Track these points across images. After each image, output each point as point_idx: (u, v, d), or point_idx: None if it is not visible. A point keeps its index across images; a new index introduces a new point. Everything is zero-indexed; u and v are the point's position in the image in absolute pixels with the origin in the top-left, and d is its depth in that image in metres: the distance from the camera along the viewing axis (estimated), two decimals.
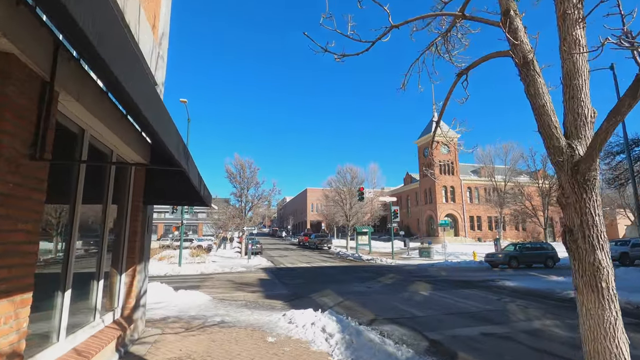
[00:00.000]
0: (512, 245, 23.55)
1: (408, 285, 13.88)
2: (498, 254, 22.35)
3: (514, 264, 21.55)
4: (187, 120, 22.13)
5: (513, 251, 22.41)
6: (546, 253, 22.68)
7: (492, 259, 22.30)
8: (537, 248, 23.19)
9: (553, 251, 23.02)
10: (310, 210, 78.38)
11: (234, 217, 31.99)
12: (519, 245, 23.22)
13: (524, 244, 23.54)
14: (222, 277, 16.79)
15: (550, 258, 22.47)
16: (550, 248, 23.26)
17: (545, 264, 22.20)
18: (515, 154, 35.90)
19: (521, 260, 21.86)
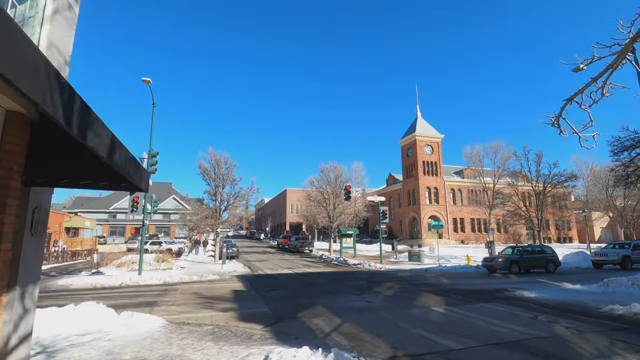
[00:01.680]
0: (510, 248, 21.82)
1: (413, 297, 11.61)
2: (497, 258, 20.52)
3: (515, 269, 19.82)
4: (152, 105, 19.11)
5: (513, 255, 20.58)
6: (547, 257, 21.07)
7: (491, 264, 20.52)
8: (538, 252, 21.51)
9: (554, 255, 21.48)
10: (290, 212, 75.61)
11: (207, 217, 28.92)
12: (519, 248, 21.48)
13: (525, 247, 21.85)
14: (189, 289, 13.96)
15: (552, 262, 20.91)
16: (550, 251, 21.69)
17: (547, 268, 20.62)
18: (504, 154, 34.74)
19: (522, 265, 20.18)
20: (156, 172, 16.74)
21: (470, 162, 37.61)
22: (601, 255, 22.69)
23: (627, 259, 21.46)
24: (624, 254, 21.49)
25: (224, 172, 28.78)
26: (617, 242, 24.56)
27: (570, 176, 25.35)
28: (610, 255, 21.98)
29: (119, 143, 2.73)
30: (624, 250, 22.00)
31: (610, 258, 21.86)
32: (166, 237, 65.84)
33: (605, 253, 22.60)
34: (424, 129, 56.25)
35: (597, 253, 23.32)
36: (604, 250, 23.28)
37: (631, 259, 21.61)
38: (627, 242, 23.11)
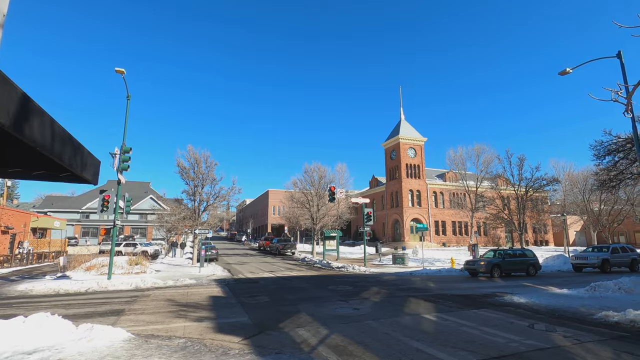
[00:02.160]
0: (492, 251, 21.64)
1: (402, 303, 11.06)
2: (480, 262, 20.21)
3: (497, 273, 19.53)
4: (126, 98, 17.93)
5: (495, 258, 20.33)
6: (528, 260, 20.96)
7: (473, 267, 20.20)
8: (519, 255, 21.31)
9: (534, 258, 21.41)
10: (272, 213, 74.47)
11: (185, 218, 27.68)
12: (501, 252, 21.24)
13: (506, 251, 21.57)
14: (162, 295, 12.96)
15: (532, 266, 20.79)
16: (531, 255, 21.60)
17: (527, 272, 20.53)
18: (487, 157, 35.03)
19: (504, 268, 19.99)
20: (129, 169, 15.60)
21: (453, 164, 37.78)
22: (581, 258, 22.91)
23: (606, 263, 21.74)
24: (603, 258, 21.81)
25: (203, 171, 27.65)
26: (595, 246, 24.82)
27: (552, 180, 25.62)
28: (590, 258, 22.22)
29: (39, 110, 1.94)
30: (603, 253, 22.28)
31: (590, 261, 22.11)
32: (143, 238, 63.54)
33: (585, 256, 22.81)
34: (407, 132, 56.46)
35: (577, 256, 23.55)
36: (584, 254, 23.52)
37: (610, 262, 21.86)
38: (606, 246, 23.47)
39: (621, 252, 22.85)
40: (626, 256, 22.85)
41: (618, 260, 22.39)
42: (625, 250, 23.29)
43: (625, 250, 23.38)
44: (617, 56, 14.81)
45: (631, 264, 22.81)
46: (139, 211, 65.57)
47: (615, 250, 22.86)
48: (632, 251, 23.60)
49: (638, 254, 23.81)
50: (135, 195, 71.01)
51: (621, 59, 14.66)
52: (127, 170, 15.64)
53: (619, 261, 22.42)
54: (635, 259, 23.03)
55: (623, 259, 22.65)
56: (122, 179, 16.35)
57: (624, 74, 14.50)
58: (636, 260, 23.05)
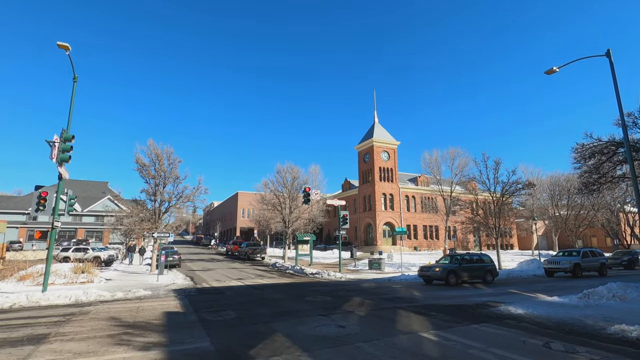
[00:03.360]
0: (449, 257, 19.98)
1: (392, 318, 9.65)
2: (434, 268, 18.44)
3: (453, 280, 17.87)
4: (72, 80, 15.43)
5: (451, 264, 18.65)
6: (485, 267, 19.52)
7: (428, 274, 18.36)
8: (476, 260, 19.77)
9: (491, 264, 20.05)
10: (241, 216, 71.63)
11: (143, 220, 24.98)
12: (458, 257, 19.44)
13: (463, 256, 19.67)
14: (105, 311, 10.76)
15: (489, 272, 19.43)
16: (488, 260, 20.21)
17: (484, 279, 19.13)
18: (461, 160, 34.90)
19: (460, 275, 18.38)
20: (70, 160, 13.16)
21: (428, 167, 37.52)
22: (553, 263, 22.74)
23: (577, 267, 21.78)
24: (575, 262, 21.81)
25: (165, 168, 25.15)
26: (566, 250, 24.70)
27: (528, 184, 25.51)
28: (563, 263, 22.09)
29: None
30: (574, 258, 22.30)
31: (563, 266, 22.01)
32: (99, 243, 58.66)
33: (557, 261, 22.66)
34: (381, 135, 56.07)
35: (549, 261, 23.38)
36: (556, 258, 23.37)
37: (581, 266, 21.93)
38: (576, 250, 23.48)
39: (591, 257, 23.00)
40: (595, 260, 23.02)
41: (588, 264, 22.46)
42: (595, 255, 23.46)
43: (595, 254, 23.54)
44: (607, 55, 14.38)
45: (600, 268, 22.98)
46: (95, 213, 60.64)
47: (586, 254, 22.92)
48: (600, 255, 23.80)
49: (606, 259, 24.12)
50: (91, 195, 65.81)
51: (610, 57, 14.24)
52: (68, 162, 13.20)
53: (589, 266, 22.49)
54: (603, 264, 23.25)
55: (593, 264, 22.78)
56: (63, 172, 13.87)
57: (614, 74, 14.08)
58: (604, 264, 23.28)
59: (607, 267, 23.71)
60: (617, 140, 16.23)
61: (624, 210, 39.01)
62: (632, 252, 31.27)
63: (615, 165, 16.24)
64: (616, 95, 13.89)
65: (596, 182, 16.56)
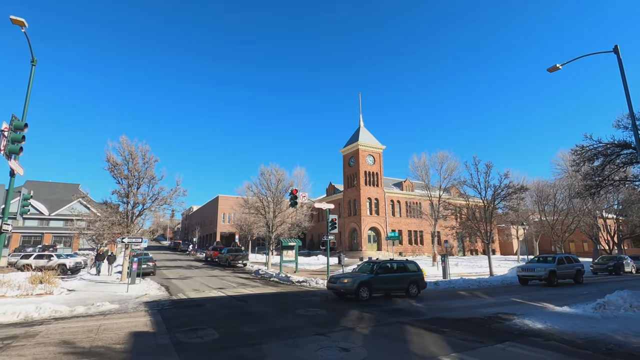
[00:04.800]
0: (367, 263, 16.60)
1: (401, 336, 8.33)
2: (343, 279, 14.78)
3: (365, 295, 14.29)
4: (30, 63, 13.51)
5: (364, 274, 15.00)
6: (409, 277, 15.95)
7: (335, 286, 14.88)
8: (398, 269, 16.18)
9: (419, 274, 16.47)
10: (222, 221, 69.12)
11: (114, 224, 22.81)
12: (373, 265, 15.83)
13: (381, 264, 15.95)
14: (58, 332, 8.95)
15: (414, 283, 15.91)
16: (414, 268, 16.62)
17: (407, 291, 15.63)
18: (450, 164, 34.34)
19: (376, 287, 14.83)
20: (21, 153, 11.25)
21: (416, 171, 36.79)
22: (528, 270, 21.00)
23: (553, 275, 20.10)
24: (550, 269, 20.13)
25: (140, 168, 23.15)
26: (541, 255, 22.69)
27: (520, 188, 24.97)
28: (537, 270, 20.36)
29: None
30: (549, 264, 20.66)
31: (537, 273, 20.28)
32: (68, 249, 54.95)
33: (532, 268, 20.90)
34: (366, 139, 55.32)
35: (523, 268, 21.63)
36: (530, 265, 21.63)
37: (557, 274, 20.31)
38: (551, 256, 21.89)
39: (566, 263, 21.47)
40: (571, 267, 21.56)
41: (564, 272, 20.95)
42: (570, 261, 21.97)
43: (570, 260, 22.07)
44: (614, 51, 13.74)
45: (576, 275, 21.61)
46: (63, 217, 56.88)
47: (561, 260, 21.30)
48: (576, 262, 22.37)
49: (582, 265, 22.53)
50: (59, 198, 61.76)
51: (618, 54, 13.56)
52: (19, 155, 11.28)
53: (564, 273, 20.99)
54: (579, 270, 21.83)
55: (569, 271, 21.32)
56: (15, 167, 11.92)
57: (622, 70, 13.43)
58: (580, 271, 21.88)
59: (582, 273, 22.03)
60: (619, 141, 15.64)
61: (603, 217, 39.51)
62: (617, 258, 31.28)
63: (619, 168, 15.67)
64: (625, 92, 13.24)
65: (598, 185, 15.91)
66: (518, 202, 27.00)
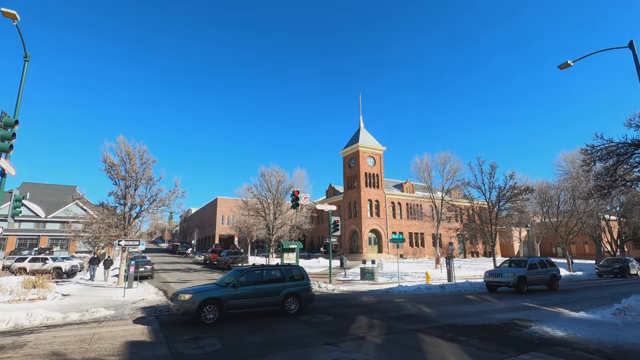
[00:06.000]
0: (236, 271, 12.32)
1: (416, 346, 7.78)
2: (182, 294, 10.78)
3: (211, 317, 10.39)
4: (23, 58, 12.97)
5: (218, 289, 11.11)
6: (286, 287, 11.95)
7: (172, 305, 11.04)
8: (274, 279, 12.10)
9: (302, 283, 12.45)
10: (221, 223, 68.46)
11: (111, 226, 22.21)
12: (244, 272, 11.84)
13: (253, 270, 12.07)
14: (48, 342, 8.36)
15: (294, 297, 11.95)
16: (299, 276, 12.63)
17: (284, 307, 11.68)
18: (453, 165, 33.90)
19: (232, 304, 10.84)
20: (12, 151, 10.67)
21: (418, 172, 36.29)
22: (495, 275, 18.88)
23: (522, 281, 18.04)
24: (520, 275, 18.05)
25: (137, 168, 22.57)
26: (513, 259, 20.46)
27: (526, 189, 24.51)
28: (505, 276, 18.25)
29: None
30: (519, 269, 18.56)
31: (505, 279, 18.17)
32: (64, 251, 54.14)
33: (499, 273, 18.75)
34: (367, 140, 54.88)
35: (491, 273, 19.34)
36: (498, 270, 19.48)
37: (527, 280, 18.26)
38: (524, 259, 19.59)
39: (539, 268, 19.36)
40: (545, 272, 19.47)
41: (535, 277, 18.89)
42: (544, 265, 19.84)
43: (544, 264, 19.88)
44: (629, 46, 13.31)
45: (550, 281, 19.54)
46: (60, 219, 56.09)
47: (533, 265, 19.14)
48: (551, 266, 20.18)
49: (557, 269, 20.39)
50: (56, 200, 60.90)
51: (634, 49, 13.15)
52: (9, 153, 10.73)
53: (536, 279, 18.96)
54: (554, 275, 19.81)
55: (541, 276, 19.26)
56: (6, 167, 11.35)
57: (638, 65, 12.99)
58: (555, 276, 19.85)
59: (558, 279, 20.05)
60: (633, 140, 15.16)
61: (606, 218, 39.13)
62: (622, 260, 30.82)
63: (633, 168, 15.20)
64: None
65: (611, 185, 15.44)
66: (523, 204, 26.51)
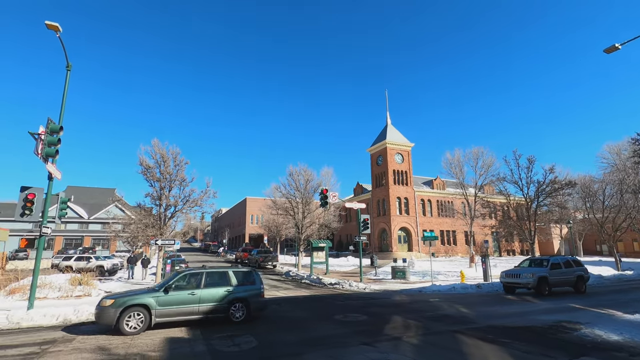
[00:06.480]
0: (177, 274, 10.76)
1: (458, 348, 7.47)
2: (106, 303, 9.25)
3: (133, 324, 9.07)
4: (65, 68, 13.69)
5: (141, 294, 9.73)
6: (232, 293, 10.47)
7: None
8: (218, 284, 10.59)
9: (251, 289, 10.94)
10: (250, 222, 69.72)
11: (148, 226, 23.12)
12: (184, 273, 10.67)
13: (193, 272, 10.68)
14: (93, 338, 8.75)
15: (241, 302, 10.46)
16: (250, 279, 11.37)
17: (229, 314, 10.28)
18: (486, 160, 32.57)
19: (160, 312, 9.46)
20: (57, 156, 11.33)
21: (449, 168, 35.11)
22: (513, 276, 17.07)
23: (543, 282, 16.14)
24: (540, 276, 16.17)
25: (171, 170, 23.31)
26: (534, 258, 18.66)
27: (568, 183, 23.12)
28: (524, 276, 16.48)
29: None
30: (540, 269, 16.69)
31: (523, 280, 16.42)
32: (105, 251, 57.15)
33: (517, 274, 16.96)
34: (394, 137, 53.94)
35: (508, 273, 17.58)
36: (516, 270, 17.61)
37: (549, 281, 16.32)
38: (546, 258, 17.74)
39: (564, 268, 17.27)
40: (570, 273, 17.31)
41: (559, 278, 16.86)
42: (569, 265, 17.68)
43: (569, 264, 17.74)
44: None
45: (576, 283, 17.31)
46: (101, 220, 59.24)
47: (556, 265, 17.14)
48: (577, 266, 17.97)
49: (585, 270, 18.14)
50: (98, 202, 64.44)
51: None
52: (55, 158, 11.38)
53: (560, 280, 16.90)
54: (581, 276, 17.54)
55: (566, 277, 17.11)
56: (53, 171, 12.03)
57: None
58: (582, 277, 17.61)
59: (585, 280, 17.79)
60: None
61: None
62: None
63: None
64: None
65: None
66: (565, 199, 25.05)
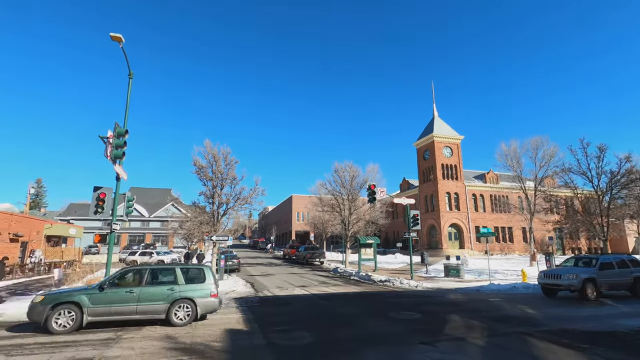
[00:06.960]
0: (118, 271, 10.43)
1: (529, 352, 6.86)
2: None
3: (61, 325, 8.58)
4: (127, 76, 14.72)
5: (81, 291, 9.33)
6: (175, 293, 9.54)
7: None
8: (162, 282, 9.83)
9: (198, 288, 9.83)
10: (296, 220, 70.90)
11: (202, 223, 24.34)
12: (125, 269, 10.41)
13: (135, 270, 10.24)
14: (160, 328, 9.30)
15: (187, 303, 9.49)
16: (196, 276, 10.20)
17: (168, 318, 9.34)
18: (547, 150, 30.00)
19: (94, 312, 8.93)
20: (124, 157, 12.26)
21: (505, 160, 32.82)
22: (552, 276, 14.64)
23: (589, 284, 13.55)
24: (586, 277, 13.64)
25: (222, 169, 24.29)
26: (581, 256, 16.29)
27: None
28: (565, 277, 13.94)
29: None
30: (586, 270, 14.18)
31: (565, 282, 13.87)
32: (164, 247, 61.30)
33: (557, 274, 14.44)
34: (442, 130, 51.75)
35: (547, 274, 15.07)
36: (557, 270, 15.07)
37: (597, 283, 13.67)
38: (595, 257, 14.98)
39: (617, 268, 14.49)
40: (625, 274, 14.42)
41: (611, 280, 14.14)
42: (625, 265, 14.76)
43: (625, 264, 14.80)
44: None
45: (633, 285, 14.43)
46: (160, 218, 63.58)
47: (607, 265, 14.42)
48: (635, 266, 14.86)
49: None
50: (157, 202, 69.37)
51: None
52: (122, 159, 12.31)
53: (612, 282, 14.20)
54: (639, 278, 14.47)
55: (619, 279, 14.34)
56: (120, 172, 13.03)
57: None
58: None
59: None
60: None
61: None
62: None
63: None
64: None
65: None
66: None
